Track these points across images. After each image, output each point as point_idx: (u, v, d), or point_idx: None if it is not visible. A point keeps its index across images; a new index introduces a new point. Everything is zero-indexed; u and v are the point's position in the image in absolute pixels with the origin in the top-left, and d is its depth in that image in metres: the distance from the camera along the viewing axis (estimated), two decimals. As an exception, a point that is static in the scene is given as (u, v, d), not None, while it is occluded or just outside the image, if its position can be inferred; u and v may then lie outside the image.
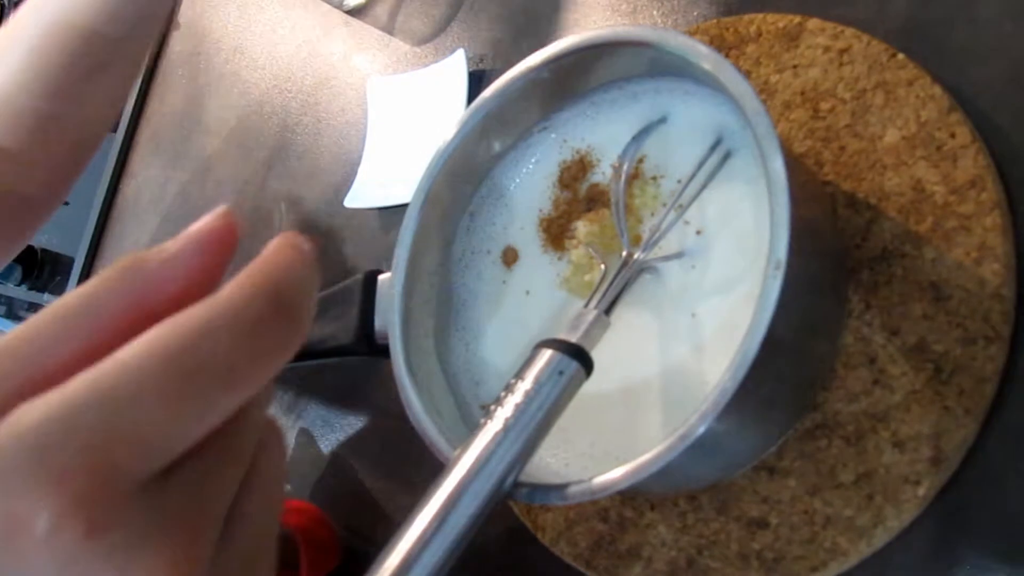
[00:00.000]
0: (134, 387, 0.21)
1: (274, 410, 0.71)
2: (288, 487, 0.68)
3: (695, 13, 0.53)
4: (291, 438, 0.69)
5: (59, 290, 1.05)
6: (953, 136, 0.40)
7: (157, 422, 0.21)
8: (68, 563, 0.20)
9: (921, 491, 0.37)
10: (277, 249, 0.25)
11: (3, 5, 1.15)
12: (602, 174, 0.45)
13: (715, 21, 0.49)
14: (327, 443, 0.66)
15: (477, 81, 0.66)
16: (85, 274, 1.02)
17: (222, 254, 0.25)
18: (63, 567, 0.20)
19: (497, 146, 0.48)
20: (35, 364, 0.22)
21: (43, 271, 1.09)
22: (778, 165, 0.33)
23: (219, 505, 0.24)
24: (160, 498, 0.22)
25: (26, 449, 0.20)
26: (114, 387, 0.21)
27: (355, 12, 0.79)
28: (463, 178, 0.48)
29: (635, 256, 0.41)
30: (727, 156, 0.40)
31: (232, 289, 0.23)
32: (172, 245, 0.24)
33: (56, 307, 0.23)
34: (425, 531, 0.32)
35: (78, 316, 0.23)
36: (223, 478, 0.24)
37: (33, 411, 0.21)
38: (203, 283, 0.24)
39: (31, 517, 0.20)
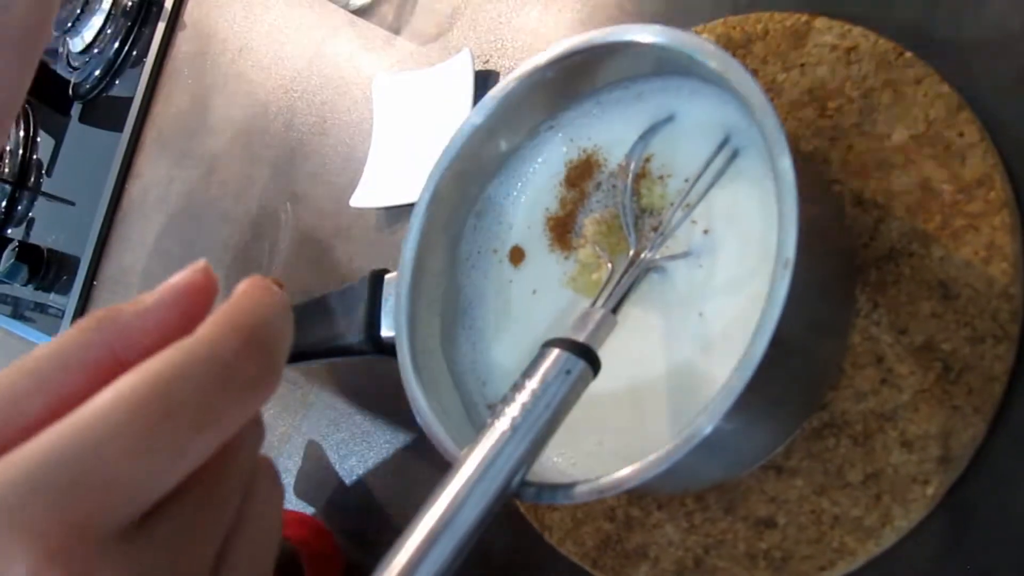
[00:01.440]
0: (103, 436, 0.21)
1: (279, 411, 0.71)
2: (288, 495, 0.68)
3: (701, 12, 0.53)
4: (297, 440, 0.69)
5: (65, 290, 1.05)
6: (961, 135, 0.40)
7: (130, 471, 0.21)
8: None
9: (930, 491, 0.37)
10: (248, 290, 0.25)
11: None
12: (609, 173, 0.45)
13: (722, 20, 0.49)
14: (333, 444, 0.66)
15: (483, 80, 0.66)
16: (91, 274, 1.02)
17: (199, 307, 0.25)
18: None
19: (504, 145, 0.48)
20: (5, 419, 0.22)
21: (49, 271, 1.10)
22: (786, 164, 0.33)
23: (205, 549, 0.24)
24: (139, 548, 0.22)
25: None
26: (83, 438, 0.20)
27: (361, 12, 0.79)
28: (470, 177, 0.48)
29: (642, 255, 0.41)
30: (734, 155, 0.40)
31: (204, 329, 0.23)
32: (148, 298, 0.24)
33: (27, 360, 0.23)
34: (432, 530, 0.32)
35: (50, 370, 0.23)
36: (207, 523, 0.24)
37: (4, 468, 0.20)
38: (178, 336, 0.24)
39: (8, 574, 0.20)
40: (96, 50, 1.12)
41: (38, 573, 0.19)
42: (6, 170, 1.23)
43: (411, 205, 0.46)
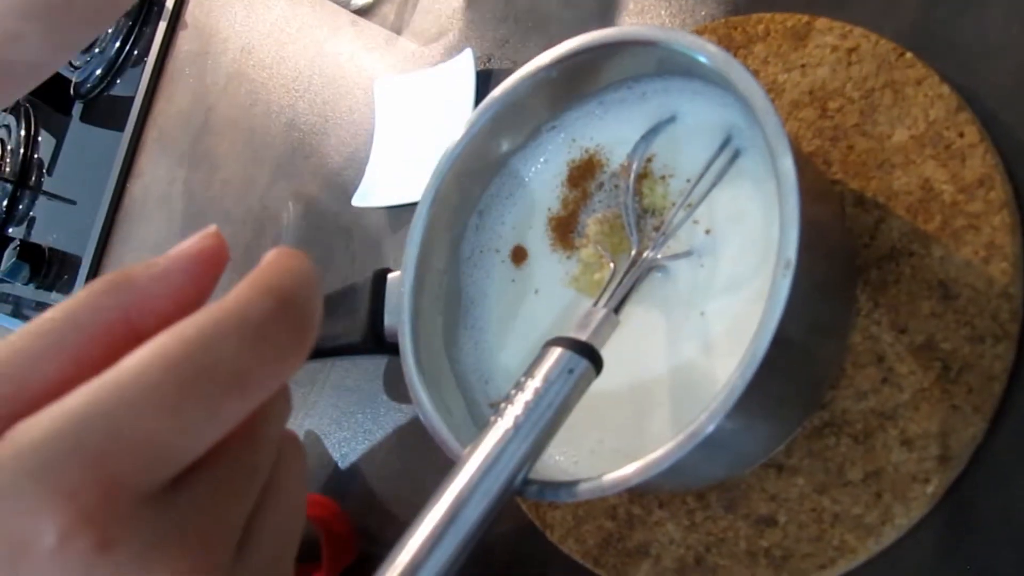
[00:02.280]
0: (137, 395, 0.20)
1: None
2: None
3: (703, 12, 0.53)
4: (300, 437, 0.69)
5: (66, 289, 1.05)
6: (962, 135, 0.40)
7: (163, 431, 0.21)
8: None
9: (930, 489, 0.37)
10: (277, 256, 0.24)
11: None
12: (611, 173, 0.46)
13: (723, 20, 0.49)
14: (335, 442, 0.67)
15: (485, 80, 0.66)
16: (92, 273, 1.03)
17: (211, 273, 0.24)
18: None
19: (506, 145, 0.48)
20: (21, 381, 0.22)
21: (50, 270, 1.10)
22: (788, 164, 0.34)
23: (234, 516, 0.24)
24: (171, 509, 0.22)
25: (28, 467, 0.20)
26: (116, 398, 0.20)
27: (362, 12, 0.79)
28: (472, 177, 0.48)
29: (644, 255, 0.41)
30: (736, 155, 0.41)
31: (237, 292, 0.23)
32: (162, 261, 0.24)
33: (40, 322, 0.23)
34: (436, 528, 0.32)
35: (65, 332, 0.23)
36: (237, 490, 0.24)
37: (33, 428, 0.20)
38: (191, 301, 0.24)
39: (37, 536, 0.19)
40: (97, 49, 1.12)
41: (69, 533, 0.19)
42: (7, 169, 1.23)
43: (413, 205, 0.46)
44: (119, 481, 0.20)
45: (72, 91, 1.15)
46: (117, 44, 1.10)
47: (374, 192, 0.68)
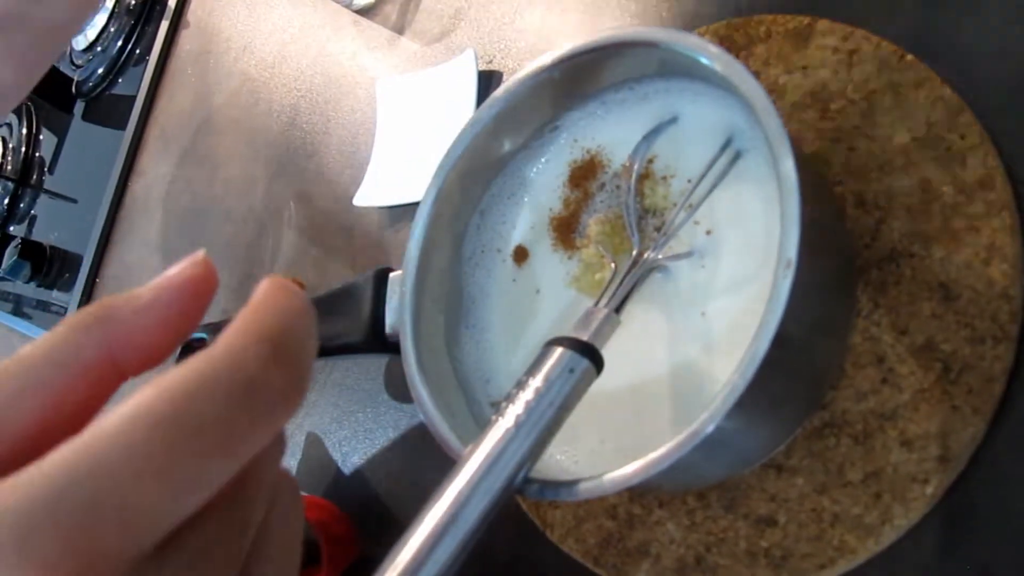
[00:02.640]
0: (119, 458, 0.19)
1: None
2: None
3: (704, 14, 0.53)
4: (299, 437, 0.69)
5: (67, 287, 1.05)
6: (962, 137, 0.40)
7: (147, 496, 0.19)
8: None
9: (929, 489, 0.37)
10: (270, 293, 0.23)
11: None
12: (613, 174, 0.46)
13: (724, 22, 0.49)
14: (336, 441, 0.67)
15: (487, 81, 0.66)
16: (93, 272, 1.03)
17: (198, 304, 0.23)
18: None
19: (508, 145, 0.48)
20: None
21: (51, 269, 1.10)
22: (789, 165, 0.34)
23: (226, 573, 0.22)
24: (158, 574, 0.20)
25: (7, 537, 0.18)
26: (96, 459, 0.19)
27: (364, 11, 0.79)
28: (474, 177, 0.48)
29: (645, 255, 0.41)
30: (737, 156, 0.41)
31: (228, 340, 0.21)
32: (146, 293, 0.23)
33: (18, 359, 0.21)
34: (436, 527, 0.32)
35: (43, 370, 0.21)
36: (227, 548, 0.22)
37: (12, 493, 0.19)
38: (178, 334, 0.23)
39: None
40: (99, 48, 1.12)
41: None
42: (9, 167, 1.23)
43: (414, 204, 0.46)
44: (101, 551, 0.19)
45: (74, 89, 1.15)
46: (119, 43, 1.10)
47: (375, 192, 0.69)
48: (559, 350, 0.36)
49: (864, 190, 0.42)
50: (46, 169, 1.19)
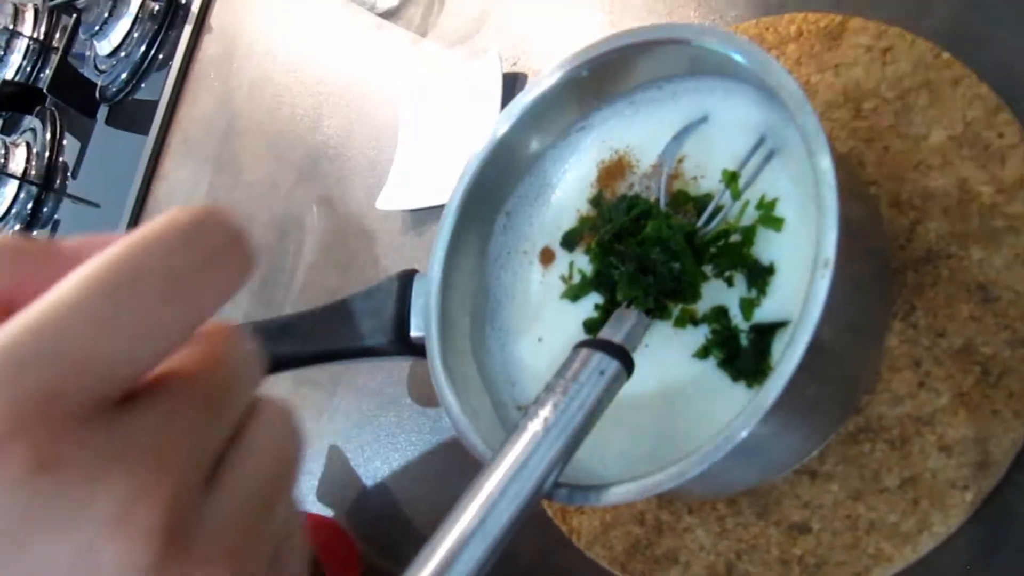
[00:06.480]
0: (64, 311, 0.19)
1: (302, 412, 0.71)
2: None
3: (733, 13, 0.52)
4: (320, 441, 0.69)
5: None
6: (1001, 136, 0.39)
7: (96, 343, 0.20)
8: (18, 505, 0.19)
9: (968, 496, 0.36)
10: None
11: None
12: (642, 174, 0.45)
13: (754, 21, 0.49)
14: (357, 446, 0.66)
15: (511, 83, 0.65)
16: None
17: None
18: (12, 511, 0.19)
19: (535, 145, 0.47)
20: None
21: (74, 273, 1.10)
22: (826, 163, 0.33)
23: (191, 442, 0.22)
24: (119, 428, 0.20)
25: None
26: (43, 316, 0.19)
27: (387, 15, 0.79)
28: (501, 177, 0.48)
29: (675, 256, 0.41)
30: (770, 155, 0.40)
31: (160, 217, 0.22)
32: (68, 245, 0.23)
33: None
34: (465, 531, 0.32)
35: None
36: (191, 420, 0.22)
37: None
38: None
39: None
40: (123, 53, 1.13)
41: (2, 453, 0.18)
42: (32, 172, 1.24)
43: (437, 207, 0.46)
44: (56, 396, 0.19)
45: (97, 95, 1.16)
46: (142, 48, 1.11)
47: (398, 195, 0.68)
48: (589, 352, 0.36)
49: (899, 190, 0.41)
50: (69, 174, 1.20)
